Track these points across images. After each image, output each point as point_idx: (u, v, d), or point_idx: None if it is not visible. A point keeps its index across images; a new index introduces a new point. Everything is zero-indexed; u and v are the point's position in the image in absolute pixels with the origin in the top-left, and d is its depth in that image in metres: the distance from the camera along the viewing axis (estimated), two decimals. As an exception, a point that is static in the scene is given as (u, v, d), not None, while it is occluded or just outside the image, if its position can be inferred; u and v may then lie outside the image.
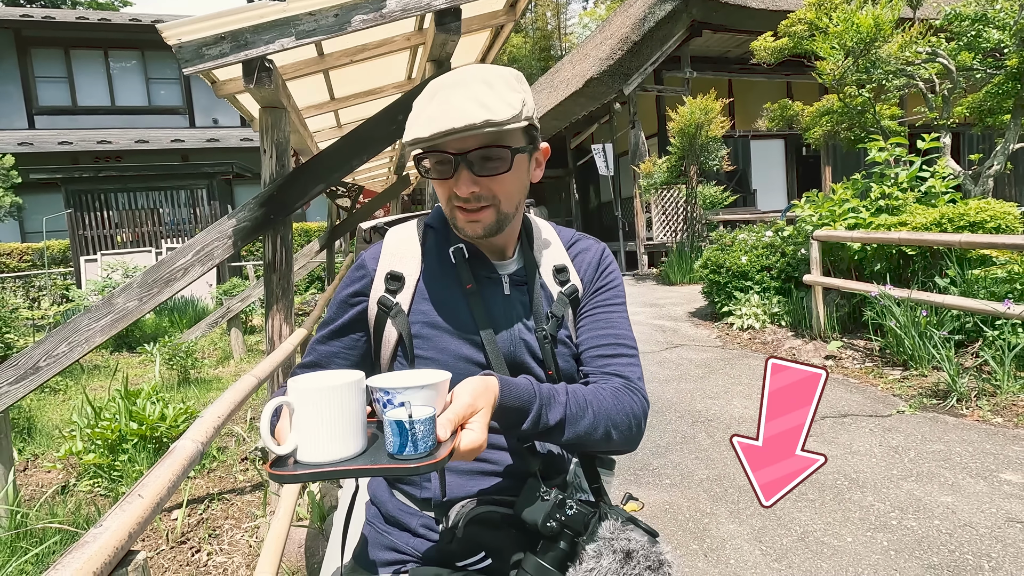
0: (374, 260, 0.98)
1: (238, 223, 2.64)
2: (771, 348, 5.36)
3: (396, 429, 0.66)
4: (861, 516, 2.39)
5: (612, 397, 0.90)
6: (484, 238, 0.91)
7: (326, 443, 0.68)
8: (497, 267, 0.98)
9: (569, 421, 0.84)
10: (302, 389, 0.68)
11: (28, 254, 11.88)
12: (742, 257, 6.32)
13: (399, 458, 0.67)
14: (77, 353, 2.54)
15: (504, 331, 0.95)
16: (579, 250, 1.04)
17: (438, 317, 0.94)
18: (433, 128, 0.80)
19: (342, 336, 0.98)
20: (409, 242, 0.99)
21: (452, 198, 0.89)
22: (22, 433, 4.34)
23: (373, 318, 0.96)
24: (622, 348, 0.98)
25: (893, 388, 3.96)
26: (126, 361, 7.20)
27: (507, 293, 0.97)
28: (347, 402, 0.69)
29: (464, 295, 0.94)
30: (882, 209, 5.14)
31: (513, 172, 0.88)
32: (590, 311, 1.00)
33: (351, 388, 0.69)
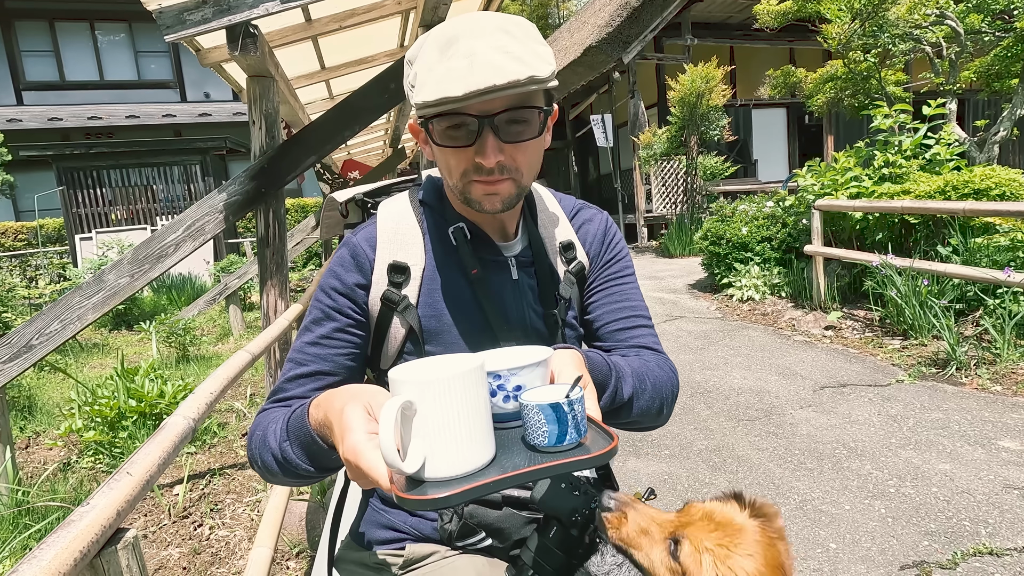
0: (371, 247, 0.87)
1: (228, 197, 2.59)
2: (771, 319, 5.35)
3: (552, 415, 0.56)
4: (859, 484, 2.40)
5: (659, 369, 0.87)
6: (502, 212, 0.82)
7: (466, 448, 0.55)
8: (502, 248, 0.91)
9: (636, 395, 0.81)
10: (426, 381, 0.54)
11: (23, 233, 11.79)
12: (742, 228, 6.27)
13: (564, 449, 0.58)
14: (70, 331, 2.51)
15: (515, 319, 0.89)
16: (583, 221, 0.98)
17: (445, 308, 0.87)
18: (468, 85, 0.68)
19: (342, 335, 0.86)
20: (407, 224, 0.89)
21: (471, 170, 0.78)
22: (23, 411, 4.35)
23: (376, 314, 0.87)
24: (640, 319, 0.95)
25: (893, 358, 3.96)
26: (125, 339, 7.20)
27: (515, 278, 0.90)
28: (481, 392, 0.57)
29: (470, 282, 0.87)
30: (885, 177, 5.07)
31: (540, 138, 0.80)
32: (601, 285, 0.96)
33: (480, 373, 0.57)
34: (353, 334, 0.87)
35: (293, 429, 0.74)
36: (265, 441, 0.78)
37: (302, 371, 0.85)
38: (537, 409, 0.57)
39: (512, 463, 0.57)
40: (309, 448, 0.72)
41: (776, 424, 3.06)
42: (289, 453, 0.74)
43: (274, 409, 0.83)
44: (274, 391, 0.86)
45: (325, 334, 0.86)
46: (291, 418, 0.75)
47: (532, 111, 0.77)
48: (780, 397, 3.43)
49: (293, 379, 0.85)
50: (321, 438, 0.69)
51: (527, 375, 0.62)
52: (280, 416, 0.78)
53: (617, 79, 11.75)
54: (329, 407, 0.66)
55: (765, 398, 3.44)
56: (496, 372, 0.62)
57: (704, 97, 9.35)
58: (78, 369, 5.71)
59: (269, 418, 0.80)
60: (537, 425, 0.57)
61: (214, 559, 2.38)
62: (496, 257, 0.90)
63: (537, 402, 0.57)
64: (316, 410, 0.70)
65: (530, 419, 0.58)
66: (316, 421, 0.69)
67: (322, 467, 0.75)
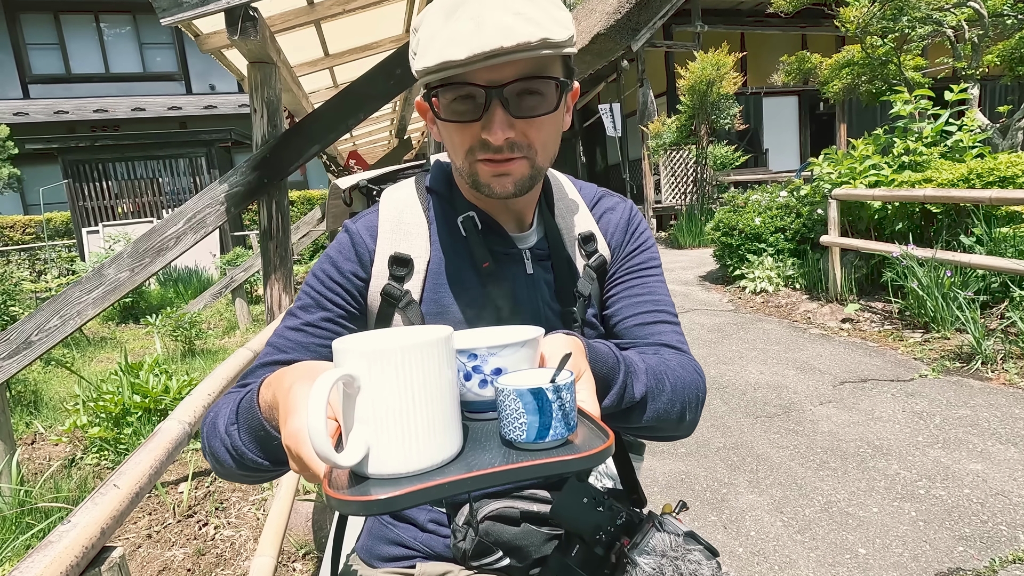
0: (371, 237, 0.80)
1: (230, 188, 2.51)
2: (785, 312, 5.23)
3: (533, 403, 0.47)
4: (887, 485, 2.30)
5: (680, 369, 0.79)
6: (514, 197, 0.74)
7: (423, 439, 0.45)
8: (515, 240, 0.83)
9: (651, 396, 0.72)
10: (372, 351, 0.44)
11: (31, 227, 11.81)
12: (755, 218, 6.13)
13: (546, 447, 0.48)
14: (70, 326, 2.45)
15: (530, 318, 0.81)
16: (604, 209, 0.90)
17: (453, 305, 0.79)
18: (471, 48, 0.61)
19: (330, 326, 0.78)
20: (412, 212, 0.82)
21: (476, 148, 0.70)
22: (29, 407, 4.32)
23: (375, 309, 0.80)
24: (664, 315, 0.86)
25: (914, 351, 3.84)
26: (132, 332, 7.18)
27: (530, 272, 0.82)
28: (445, 371, 0.47)
29: (481, 277, 0.79)
30: (905, 165, 4.92)
31: (556, 113, 0.71)
32: (623, 278, 0.87)
33: (445, 347, 0.47)
34: (342, 326, 0.79)
35: (243, 411, 0.65)
36: (215, 426, 0.69)
37: (279, 358, 0.76)
38: (515, 395, 0.48)
39: (480, 461, 0.47)
40: (257, 434, 0.63)
41: (796, 421, 2.96)
42: (237, 440, 0.65)
43: (236, 392, 0.74)
44: (245, 373, 0.79)
45: (311, 322, 0.78)
46: (243, 399, 0.67)
47: (547, 82, 0.68)
48: (799, 393, 3.33)
49: (268, 365, 0.76)
50: (270, 423, 0.61)
51: (509, 356, 0.53)
52: (235, 397, 0.70)
53: (626, 67, 11.56)
54: (278, 385, 0.58)
55: (783, 394, 3.33)
56: (471, 350, 0.53)
57: (715, 85, 9.17)
58: (85, 363, 5.69)
59: (226, 400, 0.72)
60: (514, 415, 0.48)
61: (219, 560, 2.33)
62: (509, 249, 0.82)
63: (515, 387, 0.48)
64: (266, 390, 0.62)
65: (506, 408, 0.48)
66: (265, 402, 0.61)
67: (276, 459, 0.66)
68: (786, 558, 1.94)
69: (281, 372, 0.60)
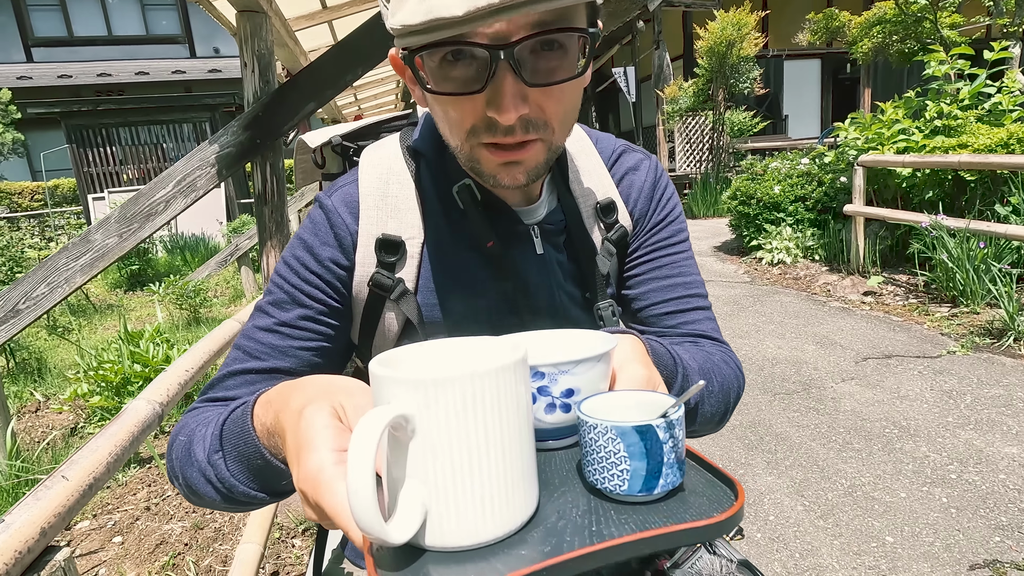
0: (351, 214, 0.66)
1: (221, 149, 2.35)
2: (804, 284, 5.05)
3: (639, 445, 0.37)
4: (915, 468, 2.18)
5: (724, 365, 0.70)
6: (525, 186, 0.61)
7: (499, 497, 0.35)
8: (521, 214, 0.69)
9: (703, 401, 0.64)
10: (433, 381, 0.33)
11: (39, 193, 11.77)
12: (775, 187, 5.89)
13: (653, 498, 0.38)
14: (58, 294, 2.34)
15: (544, 306, 0.70)
16: (626, 169, 0.76)
17: (455, 294, 0.67)
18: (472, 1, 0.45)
19: (309, 325, 0.65)
20: (399, 182, 0.68)
21: (480, 128, 0.55)
22: (32, 374, 4.29)
23: (362, 302, 0.67)
24: (697, 300, 0.75)
25: (941, 326, 3.67)
26: (139, 300, 7.15)
27: (540, 252, 0.69)
28: (524, 401, 0.37)
29: (483, 259, 0.67)
30: (938, 130, 4.64)
31: (581, 78, 0.56)
32: (649, 255, 0.75)
33: (524, 370, 0.37)
34: (324, 323, 0.66)
35: (230, 435, 0.53)
36: (190, 451, 0.57)
37: (252, 366, 0.64)
38: (614, 434, 0.38)
39: (573, 525, 0.36)
40: (252, 463, 0.52)
41: (816, 399, 2.83)
42: (224, 471, 0.54)
43: (207, 408, 0.62)
44: (211, 384, 0.65)
45: (287, 321, 0.65)
46: (228, 420, 0.55)
47: (569, 35, 0.52)
48: (819, 369, 3.18)
49: (238, 374, 0.64)
50: (271, 451, 0.50)
51: (584, 374, 0.44)
52: (213, 417, 0.58)
53: (641, 28, 11.09)
54: (283, 407, 0.46)
55: (803, 369, 3.19)
56: (536, 368, 0.44)
57: (735, 46, 8.75)
58: (92, 331, 5.66)
59: (198, 419, 0.60)
60: (610, 459, 0.38)
61: (216, 535, 2.27)
62: (515, 225, 0.69)
63: (614, 423, 0.38)
64: (264, 409, 0.50)
65: (599, 448, 0.38)
66: (263, 426, 0.50)
67: (274, 491, 0.55)
68: (808, 545, 1.83)
69: (285, 390, 0.48)
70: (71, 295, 2.40)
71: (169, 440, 0.62)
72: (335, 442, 0.38)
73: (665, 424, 0.37)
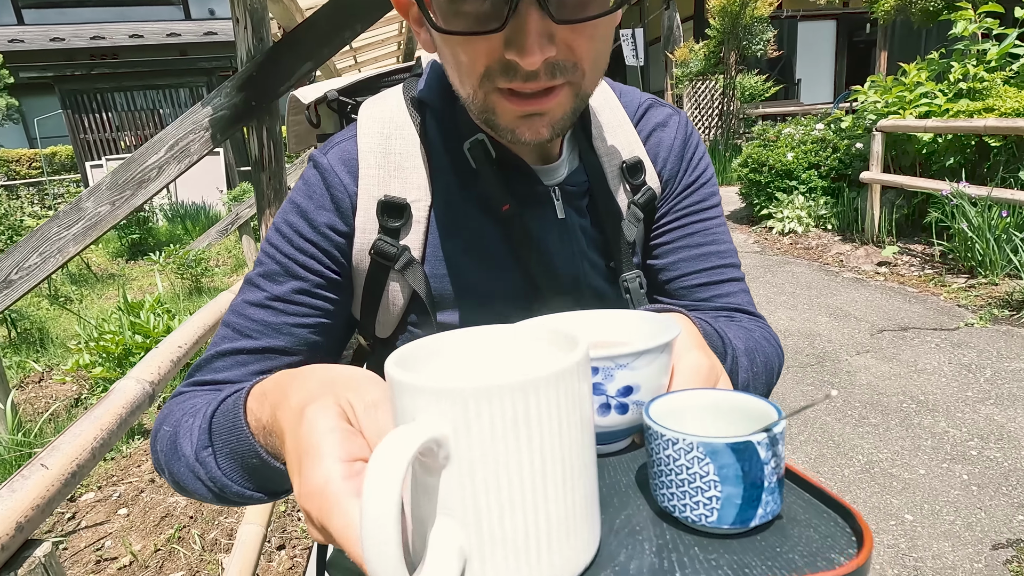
0: (350, 174, 0.60)
1: (214, 111, 2.24)
2: (816, 254, 4.94)
3: (736, 468, 0.30)
4: (934, 445, 2.12)
5: (766, 343, 0.64)
6: (549, 141, 0.53)
7: (558, 535, 0.28)
8: (540, 174, 0.62)
9: (749, 384, 0.58)
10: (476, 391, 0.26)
11: (37, 161, 11.61)
12: (788, 154, 5.71)
13: (744, 531, 0.31)
14: (51, 264, 2.27)
15: (566, 278, 0.63)
16: (654, 125, 0.69)
17: (467, 264, 0.61)
18: None
19: (306, 299, 0.59)
20: (403, 137, 0.61)
21: (496, 72, 0.48)
22: (35, 344, 4.26)
23: (363, 273, 0.61)
24: (732, 271, 0.69)
25: (958, 297, 3.58)
26: (141, 269, 7.09)
27: (561, 217, 0.63)
28: (587, 414, 0.30)
29: (498, 224, 0.61)
30: (962, 93, 4.45)
31: (614, 15, 0.49)
32: (679, 222, 0.68)
33: (586, 372, 0.30)
34: (322, 297, 0.60)
35: (220, 429, 0.48)
36: (175, 445, 0.52)
37: (243, 345, 0.58)
38: (703, 452, 0.30)
39: (649, 568, 0.28)
40: (246, 462, 0.46)
41: (831, 372, 2.76)
42: (215, 469, 0.48)
43: (194, 394, 0.57)
44: (197, 366, 0.59)
45: (280, 295, 0.59)
46: (217, 411, 0.49)
47: None
48: (833, 341, 3.11)
49: (228, 355, 0.58)
50: (268, 450, 0.44)
51: (644, 368, 0.37)
52: (202, 405, 0.52)
53: (651, -13, 10.68)
54: (280, 402, 0.40)
55: (816, 342, 3.12)
56: (599, 362, 0.38)
57: (748, 6, 8.42)
58: (94, 300, 5.62)
59: (184, 408, 0.55)
60: (696, 482, 0.30)
61: (222, 508, 2.25)
62: (533, 186, 0.62)
63: (705, 439, 0.30)
64: (259, 403, 0.44)
65: (680, 468, 0.31)
66: (258, 421, 0.44)
67: (274, 491, 0.50)
68: (824, 523, 1.79)
69: (283, 381, 0.42)
70: (65, 265, 2.33)
71: (153, 429, 0.57)
72: (343, 449, 0.32)
73: (768, 440, 0.30)
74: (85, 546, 2.12)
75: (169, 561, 2.01)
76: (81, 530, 2.21)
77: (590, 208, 0.64)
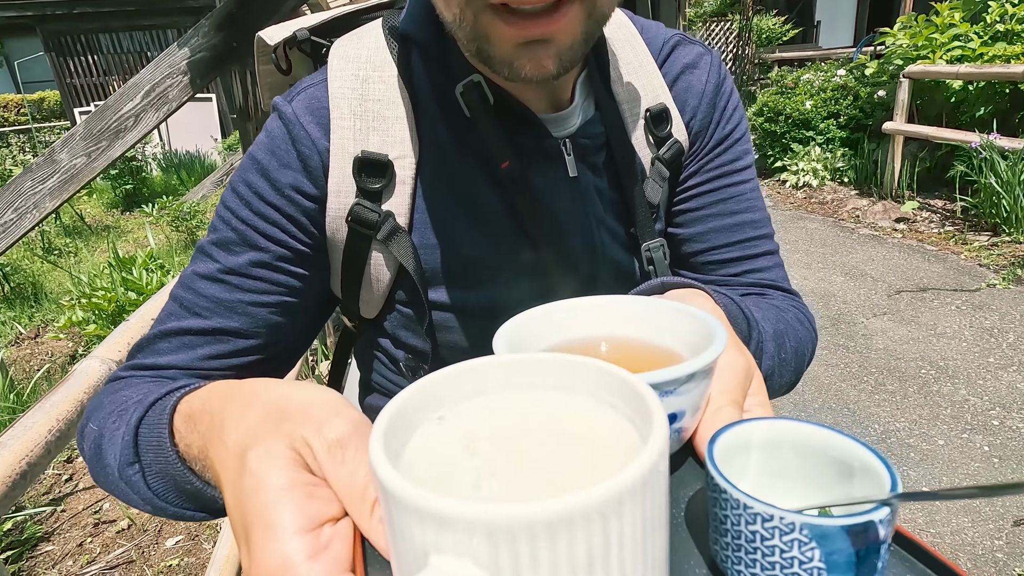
0: (319, 126, 0.50)
1: (192, 53, 2.06)
2: (831, 209, 4.77)
3: (850, 553, 0.24)
4: (953, 413, 2.04)
5: (799, 324, 0.58)
6: (556, 78, 0.44)
7: None
8: (548, 124, 0.53)
9: (775, 372, 0.52)
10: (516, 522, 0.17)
11: (25, 106, 11.24)
12: (806, 102, 5.43)
13: None
14: (28, 221, 2.14)
15: (579, 246, 0.55)
16: (682, 67, 0.59)
17: (460, 233, 0.53)
18: None
19: (266, 274, 0.51)
20: (381, 80, 0.52)
21: None
22: (29, 300, 4.19)
23: (341, 243, 0.52)
24: (765, 242, 0.61)
25: (980, 256, 3.44)
26: (135, 221, 6.95)
27: (573, 175, 0.54)
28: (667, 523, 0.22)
29: (498, 184, 0.53)
30: (999, 36, 4.16)
31: None
32: (709, 184, 0.60)
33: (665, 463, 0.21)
34: (286, 272, 0.52)
35: (147, 446, 0.41)
36: (99, 451, 0.45)
37: (190, 324, 0.50)
38: (808, 534, 0.24)
39: None
40: (180, 487, 0.40)
41: (846, 335, 2.67)
42: (142, 487, 0.42)
43: (130, 381, 0.50)
44: (139, 346, 0.52)
45: (235, 268, 0.51)
46: (143, 422, 0.42)
47: None
48: (849, 303, 3.00)
49: (173, 335, 0.51)
50: (203, 480, 0.38)
51: (691, 392, 0.31)
52: (131, 405, 0.44)
53: (665, -82, 9.96)
54: (212, 437, 0.33)
55: (831, 303, 3.01)
56: None
57: (770, -61, 7.84)
58: (89, 253, 5.52)
59: (115, 401, 0.47)
60: (794, 567, 0.24)
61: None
62: (541, 140, 0.53)
63: (813, 521, 0.23)
64: (188, 427, 0.37)
65: (771, 549, 0.25)
66: (188, 448, 0.37)
67: (218, 510, 0.42)
68: (838, 495, 1.74)
69: (214, 402, 0.35)
70: (43, 221, 2.20)
71: (81, 420, 0.49)
72: (303, 516, 0.25)
73: (889, 516, 0.24)
74: (83, 508, 2.09)
75: (167, 525, 1.98)
76: (78, 492, 2.19)
77: (607, 165, 0.56)
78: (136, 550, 1.87)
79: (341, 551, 0.25)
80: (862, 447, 0.27)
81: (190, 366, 0.50)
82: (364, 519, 0.26)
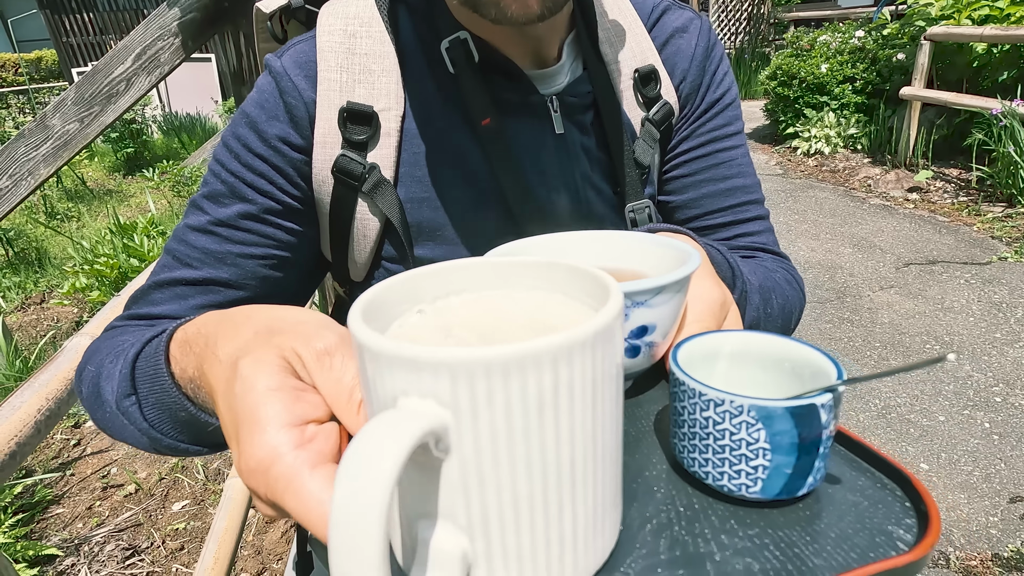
0: (307, 78, 0.52)
1: (182, 13, 1.98)
2: (842, 177, 4.67)
3: (793, 433, 0.26)
4: (956, 389, 2.03)
5: (787, 285, 0.60)
6: (541, 21, 0.46)
7: (584, 534, 0.23)
8: (535, 80, 0.55)
9: (763, 318, 0.53)
10: (488, 362, 0.19)
11: (23, 66, 11.07)
12: (822, 65, 5.25)
13: (788, 501, 0.28)
14: (24, 188, 2.12)
15: (563, 203, 0.57)
16: (671, 31, 0.60)
17: (444, 184, 0.54)
18: None
19: (256, 226, 0.52)
20: (370, 35, 0.53)
21: None
22: (33, 265, 4.20)
23: (327, 196, 0.53)
24: (755, 207, 0.63)
25: (992, 228, 3.37)
26: (138, 185, 6.90)
27: (559, 132, 0.56)
28: (620, 381, 0.24)
29: (483, 139, 0.53)
30: (1029, -4, 3.96)
31: None
32: (700, 149, 0.61)
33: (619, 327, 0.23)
34: (274, 224, 0.53)
35: (143, 377, 0.42)
36: (98, 389, 0.46)
37: (183, 275, 0.52)
38: (755, 416, 0.26)
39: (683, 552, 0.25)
40: (175, 416, 0.41)
41: (851, 308, 2.64)
42: (140, 419, 0.43)
43: (126, 329, 0.51)
44: (134, 298, 0.54)
45: (224, 219, 0.52)
46: (140, 355, 0.43)
47: None
48: (855, 275, 2.96)
49: (166, 285, 0.52)
50: (200, 405, 0.39)
51: (662, 305, 0.33)
52: (127, 345, 0.46)
53: None
54: (206, 354, 0.34)
55: (837, 275, 2.97)
56: None
57: None
58: (92, 218, 5.50)
59: (111, 345, 0.49)
60: (741, 448, 0.26)
61: (224, 438, 2.25)
62: (527, 96, 0.55)
63: (759, 402, 0.26)
64: (183, 352, 0.39)
65: (722, 432, 0.27)
66: (184, 373, 0.38)
67: (212, 443, 0.45)
68: (835, 470, 1.74)
69: (209, 325, 0.36)
70: (40, 187, 2.18)
71: (79, 366, 0.51)
72: (289, 412, 0.27)
73: (832, 402, 0.26)
74: (91, 472, 2.14)
75: (174, 490, 2.03)
76: (86, 456, 2.23)
77: (595, 124, 0.57)
78: (144, 513, 1.92)
79: (325, 445, 0.26)
80: (816, 352, 0.29)
81: (183, 315, 0.51)
82: (351, 418, 0.27)
